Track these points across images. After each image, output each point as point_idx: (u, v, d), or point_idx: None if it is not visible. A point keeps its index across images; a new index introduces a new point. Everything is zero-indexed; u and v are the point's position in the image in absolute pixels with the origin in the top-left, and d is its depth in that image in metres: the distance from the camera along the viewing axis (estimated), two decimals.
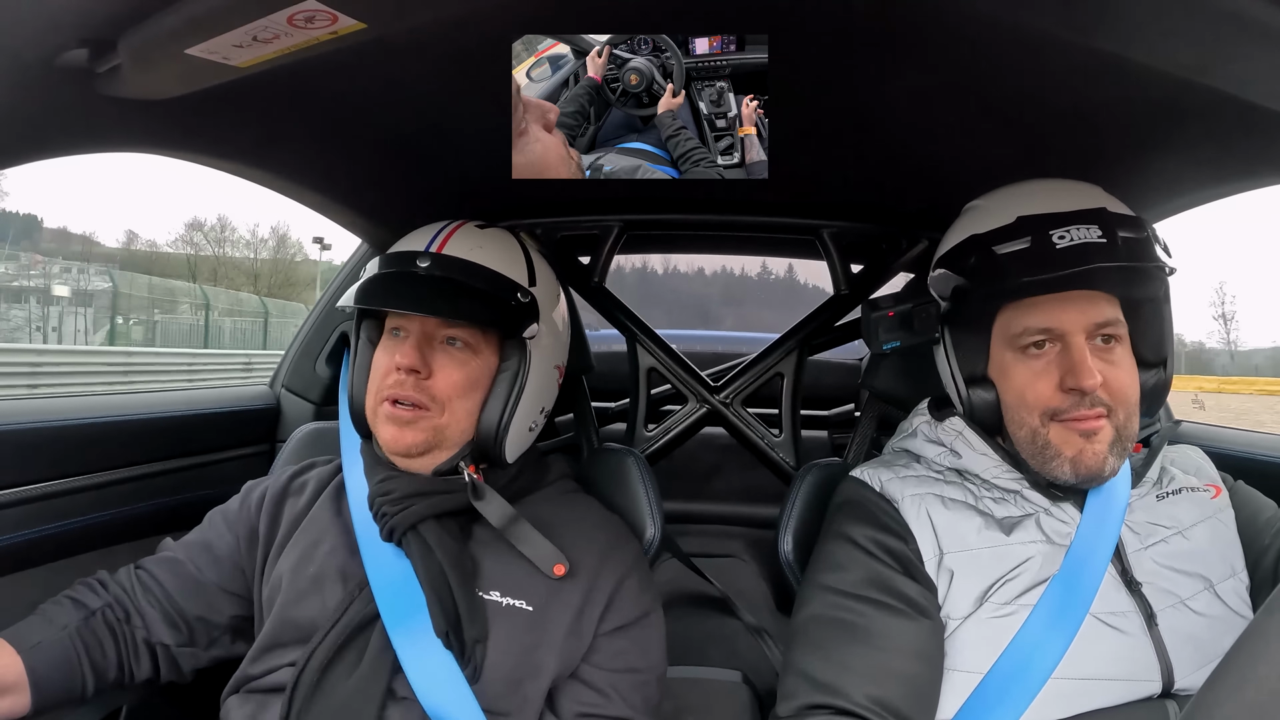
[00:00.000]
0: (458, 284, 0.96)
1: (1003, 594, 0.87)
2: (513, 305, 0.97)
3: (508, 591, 0.93)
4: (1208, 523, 0.94)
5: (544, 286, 1.03)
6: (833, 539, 0.97)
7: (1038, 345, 0.90)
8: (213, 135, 1.01)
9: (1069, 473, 0.89)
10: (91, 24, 0.70)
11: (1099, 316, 0.89)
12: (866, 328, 1.04)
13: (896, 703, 0.82)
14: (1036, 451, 0.91)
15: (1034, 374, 0.90)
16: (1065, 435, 0.89)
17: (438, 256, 0.97)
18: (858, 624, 0.87)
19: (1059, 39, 0.77)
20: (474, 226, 1.03)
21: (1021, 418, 0.91)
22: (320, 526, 1.01)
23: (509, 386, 0.98)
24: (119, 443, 1.27)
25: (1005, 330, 0.92)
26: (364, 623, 0.91)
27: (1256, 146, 0.96)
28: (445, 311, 0.94)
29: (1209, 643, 0.86)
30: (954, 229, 1.00)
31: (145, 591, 1.00)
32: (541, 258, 1.08)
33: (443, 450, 0.98)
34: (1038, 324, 0.89)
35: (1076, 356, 0.87)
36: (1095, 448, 0.88)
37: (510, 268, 1.00)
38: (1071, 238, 0.86)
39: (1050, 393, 0.89)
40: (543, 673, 0.90)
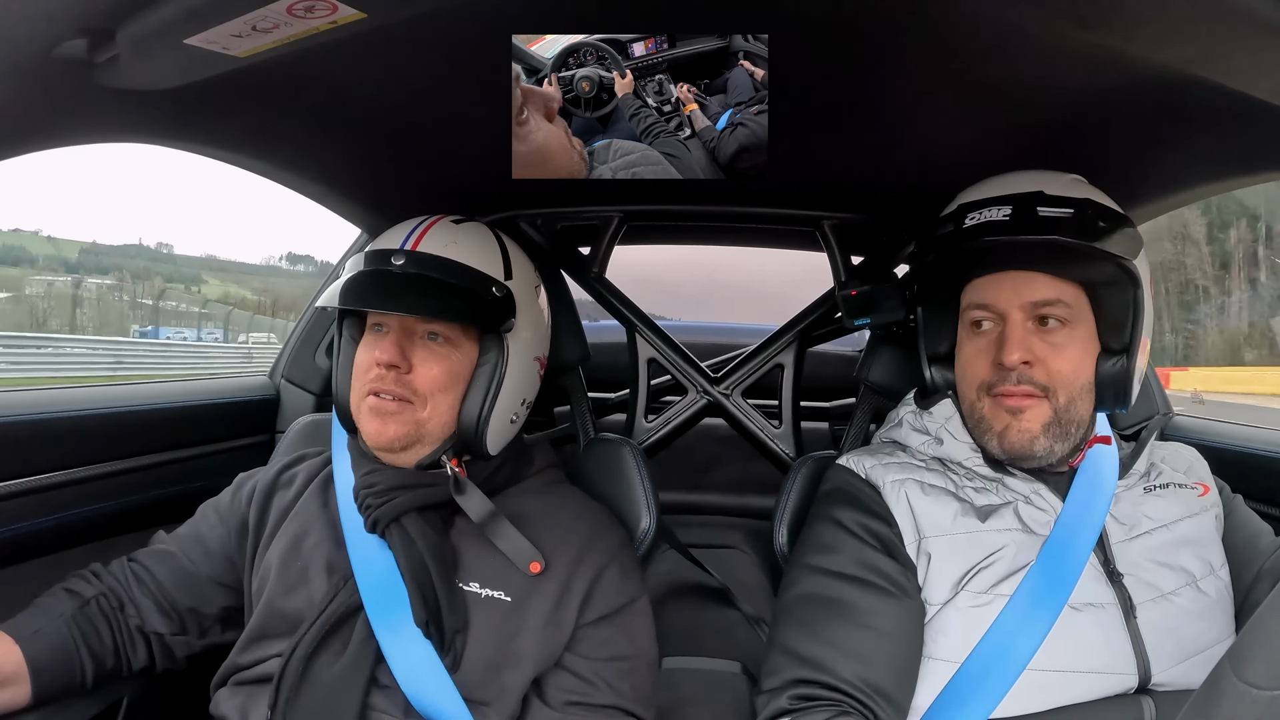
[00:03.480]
0: (432, 280, 0.96)
1: (979, 582, 0.88)
2: (488, 300, 0.98)
3: (487, 583, 0.94)
4: (1193, 519, 0.94)
5: (520, 280, 1.03)
6: (820, 522, 0.99)
7: (981, 323, 0.94)
8: (212, 125, 1.01)
9: (997, 447, 0.92)
10: (90, 14, 0.70)
11: (1034, 295, 0.91)
12: (841, 305, 1.16)
13: (881, 682, 0.83)
14: (974, 424, 0.95)
15: (976, 350, 0.95)
16: (995, 410, 0.92)
17: (412, 254, 0.97)
18: (843, 602, 0.89)
19: (1061, 32, 0.77)
20: (449, 222, 1.03)
21: (964, 391, 0.96)
22: (307, 518, 1.02)
23: (488, 380, 0.99)
24: (119, 434, 1.27)
25: (964, 309, 0.97)
26: (348, 613, 0.93)
27: (1255, 140, 0.96)
28: (417, 309, 0.95)
29: (1189, 638, 0.86)
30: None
31: (138, 582, 1.01)
32: (520, 251, 1.08)
33: (424, 445, 0.99)
34: (978, 300, 0.94)
35: (1006, 333, 0.91)
36: (1022, 425, 0.90)
37: (485, 262, 1.00)
38: (979, 218, 0.91)
39: (985, 368, 0.93)
40: (522, 662, 0.91)
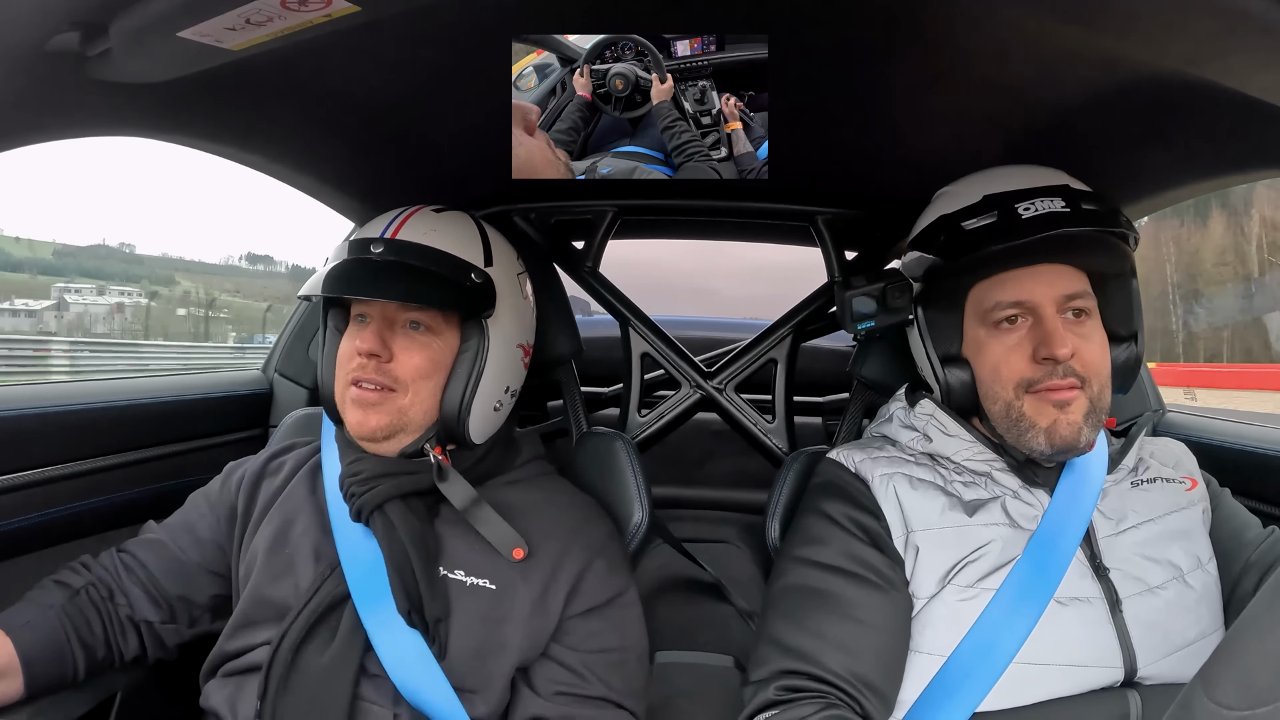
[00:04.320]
0: (411, 268, 0.96)
1: (965, 576, 0.88)
2: (467, 286, 0.98)
3: (471, 570, 0.94)
4: (1181, 513, 0.95)
5: (501, 267, 1.03)
6: (809, 515, 0.99)
7: (1010, 320, 0.92)
8: (205, 118, 1.01)
9: (1044, 443, 0.90)
10: (83, 8, 0.70)
11: (1068, 289, 0.91)
12: (840, 310, 1.06)
13: (868, 674, 0.84)
14: (1011, 425, 0.92)
15: (1007, 348, 0.92)
16: (1039, 406, 0.90)
17: (391, 242, 0.98)
18: (833, 594, 0.89)
19: (1055, 30, 0.77)
20: (430, 211, 1.04)
21: (996, 392, 0.93)
22: (294, 506, 1.03)
23: (469, 367, 0.99)
24: (111, 429, 1.26)
25: (978, 307, 0.95)
26: (335, 602, 0.93)
27: (1249, 139, 0.96)
28: (394, 294, 0.95)
29: (1176, 632, 0.87)
30: (925, 213, 1.03)
31: (128, 572, 1.01)
32: (502, 238, 1.08)
33: (407, 433, 0.99)
34: (1009, 297, 0.91)
35: (1049, 327, 0.89)
36: (1069, 418, 0.89)
37: (465, 249, 1.00)
38: (1037, 208, 0.89)
39: (1024, 365, 0.91)
40: (507, 650, 0.91)
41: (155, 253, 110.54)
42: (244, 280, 78.02)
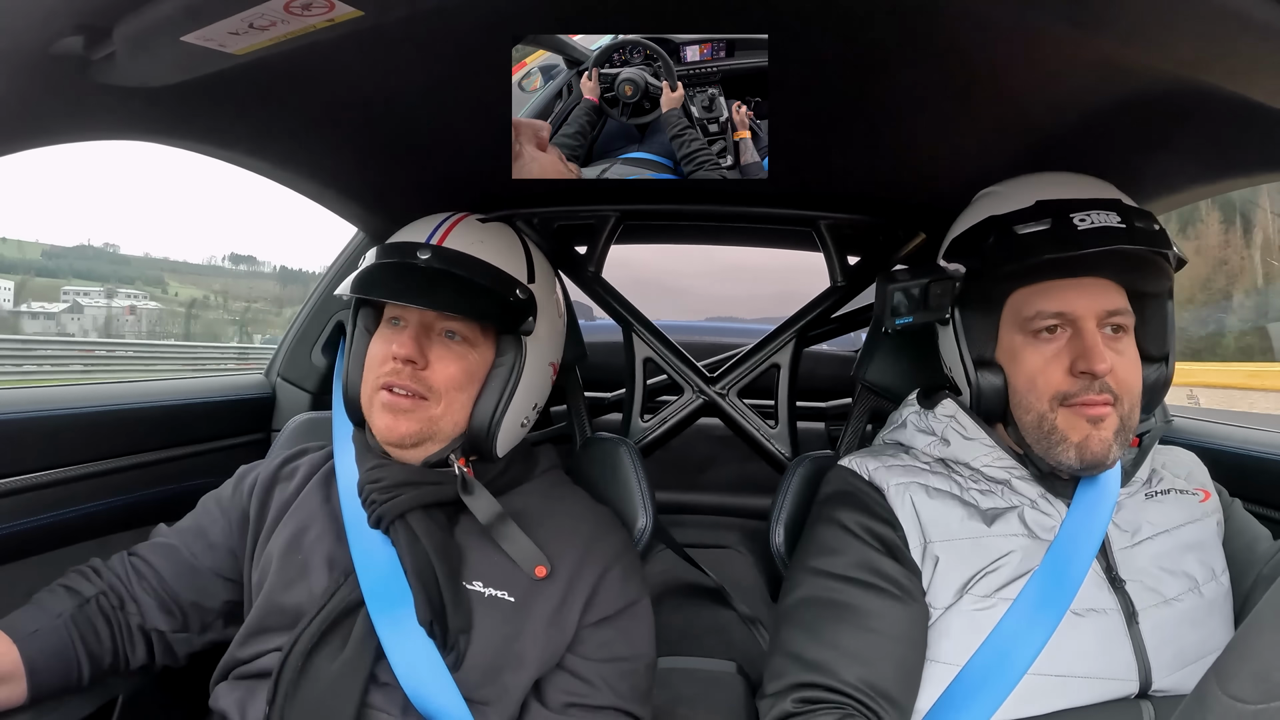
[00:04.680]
0: (457, 278, 0.96)
1: (983, 586, 0.87)
2: (511, 301, 0.97)
3: (491, 582, 0.93)
4: (1195, 525, 0.94)
5: (542, 283, 1.03)
6: (822, 524, 0.97)
7: (1049, 330, 0.91)
8: (208, 123, 1.01)
9: (1074, 458, 0.89)
10: (87, 11, 0.70)
11: (1110, 304, 0.89)
12: (881, 301, 1.02)
13: (885, 685, 0.83)
14: (1042, 437, 0.91)
15: (1045, 358, 0.91)
16: (1072, 420, 0.89)
17: (438, 249, 0.97)
18: (849, 605, 0.88)
19: (1058, 35, 0.77)
20: (475, 220, 1.03)
21: (1029, 402, 0.91)
22: (308, 512, 1.01)
23: (504, 382, 0.98)
24: (114, 432, 1.26)
25: (1017, 314, 0.93)
26: (349, 609, 0.92)
27: (1252, 142, 0.96)
28: (444, 305, 0.94)
29: (1191, 644, 0.86)
30: (969, 212, 1.00)
31: (139, 578, 1.00)
32: (541, 254, 1.08)
33: (435, 442, 0.98)
34: (1051, 308, 0.90)
35: (1089, 341, 0.88)
36: (1101, 434, 0.88)
37: (510, 263, 1.00)
38: (1092, 221, 0.87)
39: (1060, 377, 0.89)
40: (524, 664, 0.90)
41: (138, 253, 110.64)
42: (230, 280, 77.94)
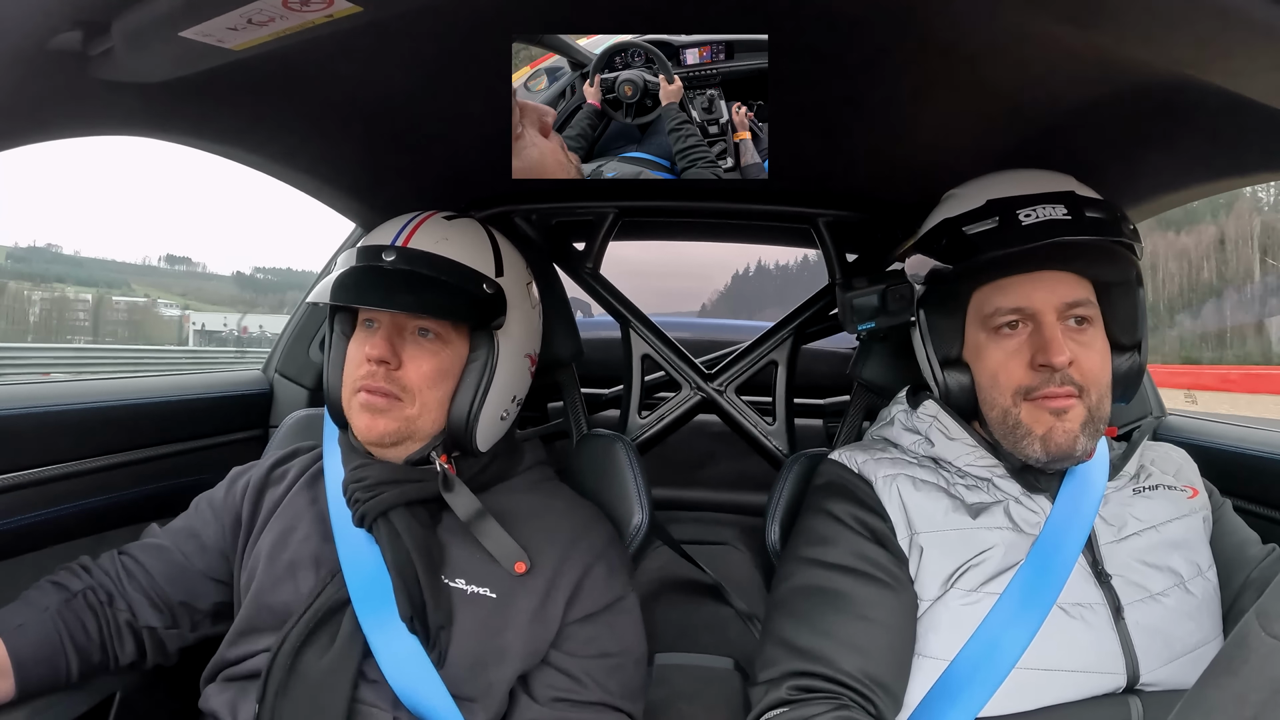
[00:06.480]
0: (423, 277, 0.96)
1: (968, 580, 0.88)
2: (479, 297, 0.98)
3: (472, 579, 0.94)
4: (1182, 521, 0.95)
5: (512, 276, 1.03)
6: (814, 514, 0.98)
7: (1010, 326, 0.92)
8: (206, 118, 1.00)
9: (1040, 451, 0.90)
10: (85, 7, 0.70)
11: (1069, 296, 0.91)
12: (842, 309, 1.07)
13: (880, 674, 0.84)
14: (1008, 431, 0.92)
15: (1006, 354, 0.92)
16: (1036, 413, 0.90)
17: (403, 250, 0.97)
18: (842, 593, 0.89)
19: (1055, 32, 0.77)
20: (441, 218, 1.03)
21: (994, 398, 0.93)
22: (296, 512, 1.02)
23: (479, 376, 0.99)
24: (111, 428, 1.26)
25: (979, 312, 0.95)
26: (335, 607, 0.93)
27: (1248, 141, 0.96)
28: (407, 305, 0.95)
29: (1177, 638, 0.87)
30: (930, 216, 1.03)
31: (129, 576, 1.01)
32: (511, 247, 1.08)
33: (415, 440, 0.99)
34: (1009, 304, 0.92)
35: (1048, 334, 0.89)
36: (1065, 425, 0.89)
37: (476, 259, 1.00)
38: (1037, 215, 0.89)
39: (1022, 372, 0.91)
40: (507, 659, 0.91)
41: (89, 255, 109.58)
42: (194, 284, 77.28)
